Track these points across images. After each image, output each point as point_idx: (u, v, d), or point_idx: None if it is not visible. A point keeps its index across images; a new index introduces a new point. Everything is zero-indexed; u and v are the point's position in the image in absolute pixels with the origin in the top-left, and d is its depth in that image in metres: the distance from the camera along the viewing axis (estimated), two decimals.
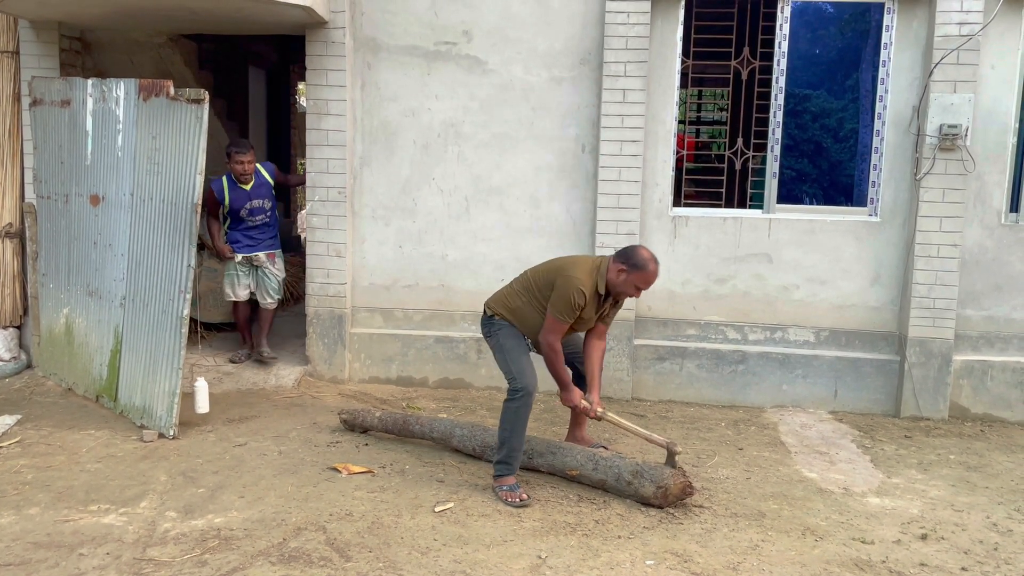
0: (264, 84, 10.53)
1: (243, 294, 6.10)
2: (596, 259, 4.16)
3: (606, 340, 4.44)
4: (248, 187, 5.89)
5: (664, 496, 3.90)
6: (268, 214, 6.03)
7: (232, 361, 6.17)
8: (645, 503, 3.98)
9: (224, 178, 5.87)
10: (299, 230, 10.76)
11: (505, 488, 4.03)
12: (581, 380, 4.45)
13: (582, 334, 4.42)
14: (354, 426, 4.96)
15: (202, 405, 5.01)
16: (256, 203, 5.94)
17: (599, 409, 4.24)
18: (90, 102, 5.25)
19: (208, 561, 3.33)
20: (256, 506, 3.86)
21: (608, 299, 4.15)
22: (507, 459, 4.08)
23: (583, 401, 4.24)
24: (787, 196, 5.94)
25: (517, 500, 3.96)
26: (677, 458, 4.07)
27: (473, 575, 3.28)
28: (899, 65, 5.58)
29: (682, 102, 5.93)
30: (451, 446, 4.65)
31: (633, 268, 3.98)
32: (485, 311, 4.32)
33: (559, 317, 4.00)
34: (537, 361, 4.21)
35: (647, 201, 5.81)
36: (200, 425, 4.96)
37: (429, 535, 3.61)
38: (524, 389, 4.05)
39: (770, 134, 5.75)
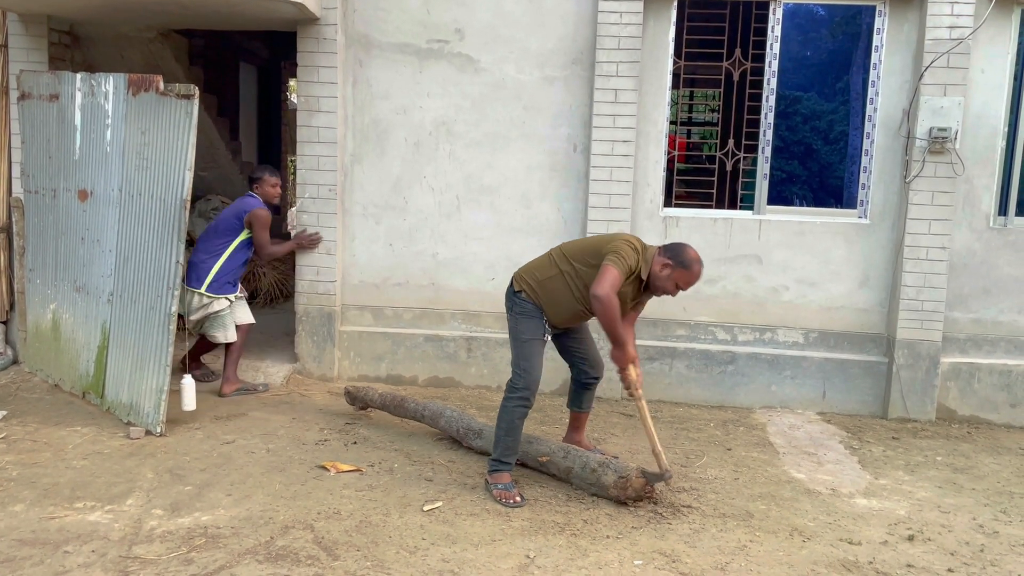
0: (255, 80, 10.51)
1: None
2: (641, 241, 4.02)
3: (634, 327, 4.28)
4: None
5: (624, 486, 3.90)
6: None
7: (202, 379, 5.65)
8: (604, 494, 3.98)
9: (260, 201, 5.56)
10: (289, 228, 10.73)
11: (500, 487, 4.01)
12: (581, 389, 4.44)
13: (590, 341, 4.37)
14: (356, 399, 5.18)
15: (189, 403, 4.98)
16: None
17: (640, 391, 4.03)
18: (79, 96, 5.22)
19: (194, 559, 3.31)
20: (243, 504, 3.84)
21: (646, 292, 4.04)
22: (502, 457, 4.07)
23: (633, 369, 4.00)
24: (777, 198, 5.96)
25: (511, 501, 3.94)
26: (659, 484, 4.02)
27: (461, 574, 3.27)
28: (890, 68, 5.61)
29: (674, 103, 5.94)
30: (438, 427, 4.78)
31: (679, 265, 3.87)
32: (512, 283, 4.19)
33: (617, 265, 3.79)
34: (546, 360, 4.19)
35: (638, 201, 5.81)
36: (188, 422, 4.93)
37: (417, 534, 3.60)
38: (525, 388, 4.01)
39: (761, 135, 5.76)
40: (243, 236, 5.51)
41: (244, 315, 5.61)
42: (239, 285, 5.64)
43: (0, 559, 3.28)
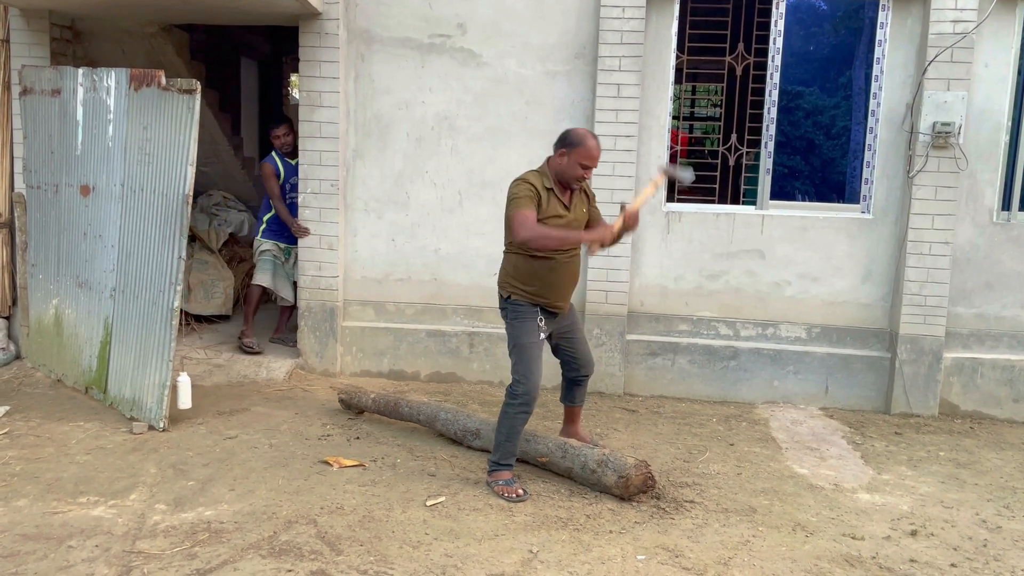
0: (256, 75, 10.48)
1: (275, 283, 6.34)
2: (538, 168, 4.07)
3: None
4: (293, 163, 6.22)
5: (625, 486, 3.91)
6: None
7: (249, 351, 6.17)
8: (607, 492, 3.99)
9: (273, 153, 6.28)
10: None
11: (501, 483, 4.02)
12: (572, 385, 4.45)
13: (581, 342, 4.36)
14: (350, 405, 5.11)
15: (184, 400, 4.99)
16: (295, 180, 6.17)
17: (626, 220, 3.90)
18: (81, 92, 5.21)
19: (198, 554, 3.31)
20: (246, 499, 3.85)
21: (573, 192, 4.01)
22: (501, 460, 4.08)
23: (607, 234, 3.87)
24: (779, 192, 5.96)
25: (514, 495, 3.95)
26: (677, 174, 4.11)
27: (464, 569, 3.27)
28: (893, 63, 5.59)
29: (676, 97, 5.92)
30: (435, 429, 4.74)
31: (570, 147, 3.88)
32: (499, 292, 4.18)
33: (516, 208, 3.82)
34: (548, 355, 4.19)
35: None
36: (190, 418, 4.93)
37: (420, 529, 3.61)
38: (526, 394, 4.00)
39: (764, 130, 5.75)
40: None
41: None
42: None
43: (4, 554, 3.28)
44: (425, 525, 3.64)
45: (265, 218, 6.33)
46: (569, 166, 3.91)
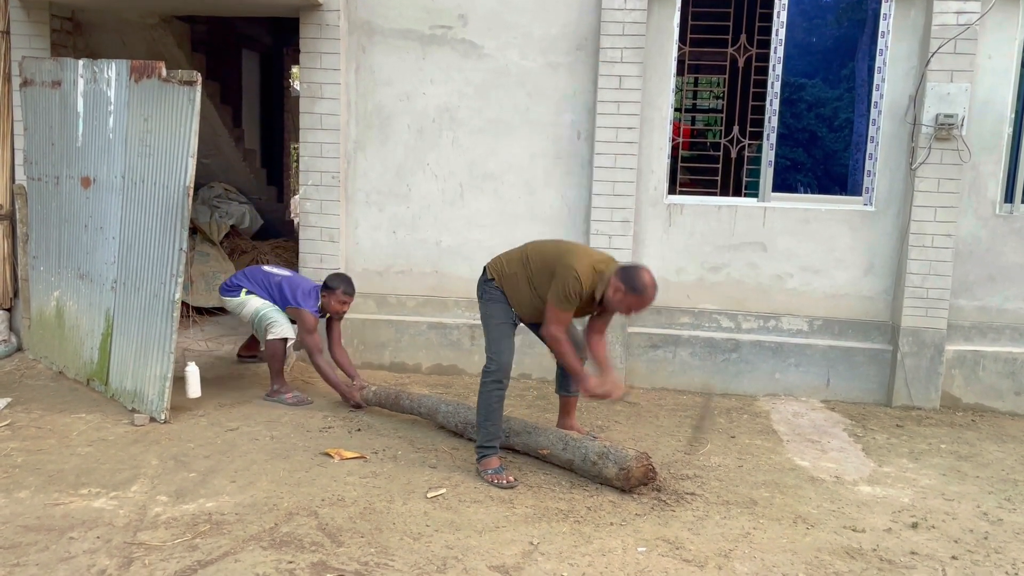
0: (257, 67, 10.47)
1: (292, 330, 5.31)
2: (603, 260, 4.03)
3: (605, 335, 4.32)
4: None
5: (626, 478, 3.92)
6: None
7: (298, 404, 5.17)
8: (608, 484, 4.01)
9: (317, 310, 5.22)
10: (292, 215, 10.71)
11: (490, 471, 4.06)
12: (565, 372, 4.44)
13: (579, 328, 4.39)
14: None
15: (194, 390, 4.99)
16: None
17: (619, 391, 4.06)
18: (81, 83, 5.20)
19: (199, 545, 3.32)
20: (248, 491, 3.85)
21: (602, 306, 4.07)
22: (486, 442, 4.13)
23: (598, 388, 4.03)
24: (781, 185, 5.93)
25: (503, 482, 3.99)
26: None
27: (465, 560, 3.28)
28: (896, 54, 5.57)
29: (678, 89, 5.91)
30: (436, 422, 4.75)
31: (631, 291, 3.88)
32: (485, 271, 4.27)
33: (560, 307, 3.94)
34: (524, 344, 4.19)
35: (642, 188, 5.79)
36: (192, 409, 4.94)
37: (421, 521, 3.61)
38: (498, 371, 4.09)
39: (766, 122, 5.73)
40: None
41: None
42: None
43: (6, 545, 3.29)
44: (426, 517, 3.65)
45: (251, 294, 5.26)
46: (619, 303, 3.93)
